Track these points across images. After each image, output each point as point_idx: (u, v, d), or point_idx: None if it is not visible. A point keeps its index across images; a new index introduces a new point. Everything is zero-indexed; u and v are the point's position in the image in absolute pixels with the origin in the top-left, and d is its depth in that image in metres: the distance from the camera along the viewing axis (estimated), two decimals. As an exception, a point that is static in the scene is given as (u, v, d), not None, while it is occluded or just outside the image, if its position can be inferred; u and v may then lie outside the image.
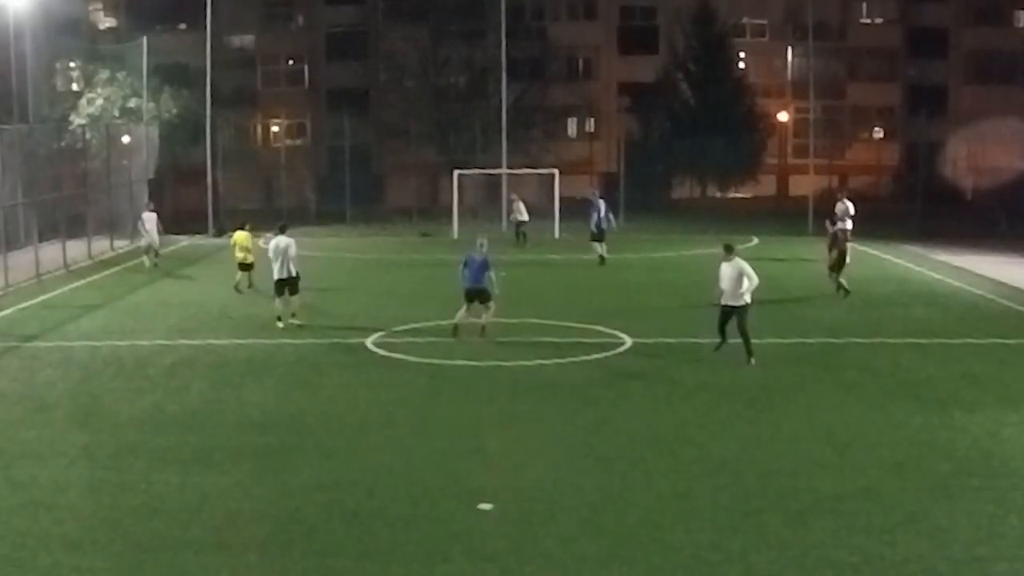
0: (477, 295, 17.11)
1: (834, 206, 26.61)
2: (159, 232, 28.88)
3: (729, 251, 15.71)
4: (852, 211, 26.07)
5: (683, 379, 15.47)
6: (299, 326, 19.07)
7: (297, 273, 19.44)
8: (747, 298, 15.49)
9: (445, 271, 23.84)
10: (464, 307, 17.28)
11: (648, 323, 20.03)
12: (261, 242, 24.33)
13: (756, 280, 15.61)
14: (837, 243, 22.68)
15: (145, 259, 28.26)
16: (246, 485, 9.95)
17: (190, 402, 13.98)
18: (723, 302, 15.52)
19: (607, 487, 9.95)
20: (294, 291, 19.32)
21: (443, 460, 11.11)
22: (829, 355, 17.32)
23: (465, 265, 17.35)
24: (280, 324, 19.05)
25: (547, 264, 30.37)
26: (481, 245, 17.52)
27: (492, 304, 17.22)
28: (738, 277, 15.39)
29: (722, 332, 15.76)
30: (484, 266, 17.17)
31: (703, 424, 12.64)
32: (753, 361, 15.49)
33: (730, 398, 13.96)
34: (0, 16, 32.35)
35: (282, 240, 19.56)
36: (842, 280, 22.23)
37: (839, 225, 24.63)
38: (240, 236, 22.80)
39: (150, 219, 28.75)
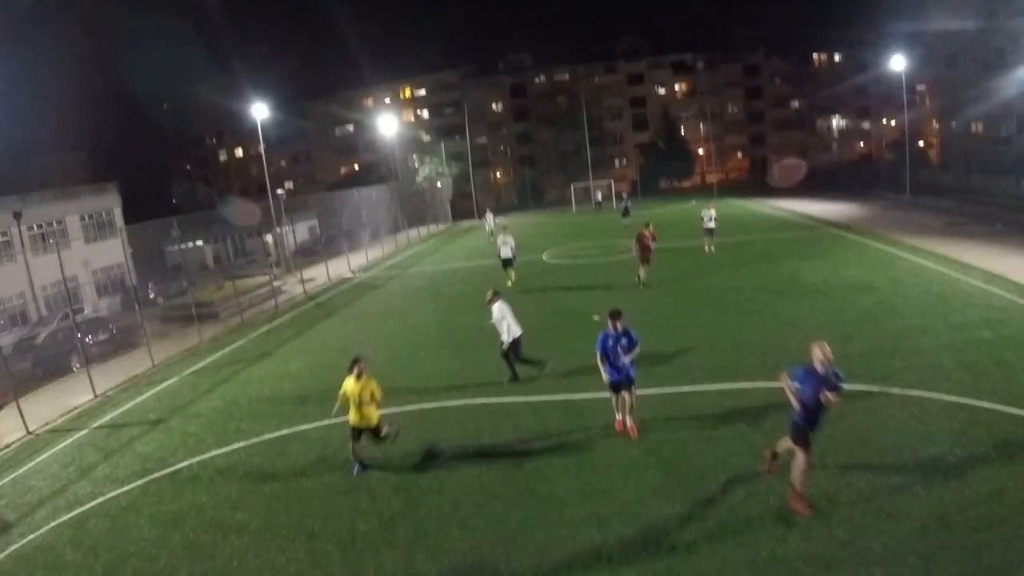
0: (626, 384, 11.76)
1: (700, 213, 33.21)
2: (494, 218, 49.65)
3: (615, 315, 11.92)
4: (714, 213, 31.71)
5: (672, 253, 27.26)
6: (511, 284, 26.79)
7: (515, 255, 27.73)
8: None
9: (569, 224, 52.73)
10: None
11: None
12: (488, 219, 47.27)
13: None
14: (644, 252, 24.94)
15: (488, 233, 46.77)
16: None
17: (467, 288, 27.33)
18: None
19: (647, 300, 21.29)
20: (512, 265, 27.54)
21: (575, 299, 23.41)
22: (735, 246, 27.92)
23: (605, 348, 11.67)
24: (509, 284, 26.82)
25: (604, 219, 51.98)
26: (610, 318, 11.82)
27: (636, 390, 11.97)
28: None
29: None
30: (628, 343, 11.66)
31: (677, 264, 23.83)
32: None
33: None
34: (384, 141, 71.21)
35: (508, 237, 27.72)
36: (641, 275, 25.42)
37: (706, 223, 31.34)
38: (349, 386, 11.75)
39: (489, 216, 49.81)
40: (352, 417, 11.61)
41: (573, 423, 12.81)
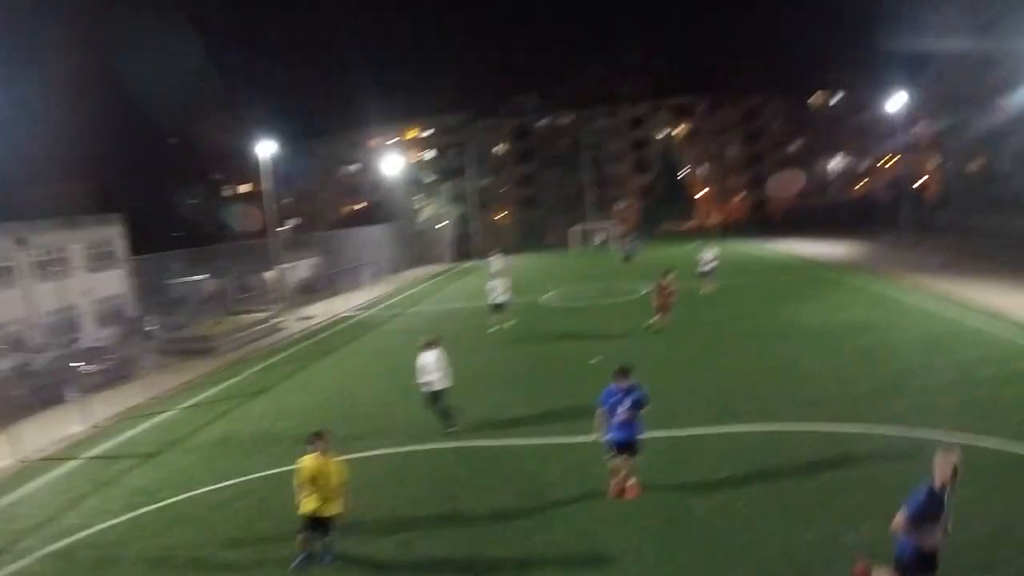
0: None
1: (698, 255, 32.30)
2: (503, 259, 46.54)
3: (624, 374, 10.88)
4: (710, 256, 31.33)
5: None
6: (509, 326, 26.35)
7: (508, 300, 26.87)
8: None
9: (569, 267, 50.88)
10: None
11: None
12: (493, 261, 44.05)
13: None
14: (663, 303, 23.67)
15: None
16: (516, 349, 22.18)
17: (467, 329, 26.62)
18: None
19: (647, 342, 20.94)
20: (501, 310, 26.58)
21: (575, 341, 23.20)
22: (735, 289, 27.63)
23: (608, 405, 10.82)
24: (506, 326, 26.52)
25: (604, 262, 49.42)
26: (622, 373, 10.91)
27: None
28: None
29: None
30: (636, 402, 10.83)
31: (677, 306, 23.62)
32: None
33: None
34: (388, 181, 69.86)
35: (500, 282, 26.86)
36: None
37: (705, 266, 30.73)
38: (308, 465, 9.78)
39: (498, 257, 45.27)
40: (307, 504, 9.56)
41: (573, 466, 12.61)
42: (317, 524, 9.60)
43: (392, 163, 64.15)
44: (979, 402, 13.63)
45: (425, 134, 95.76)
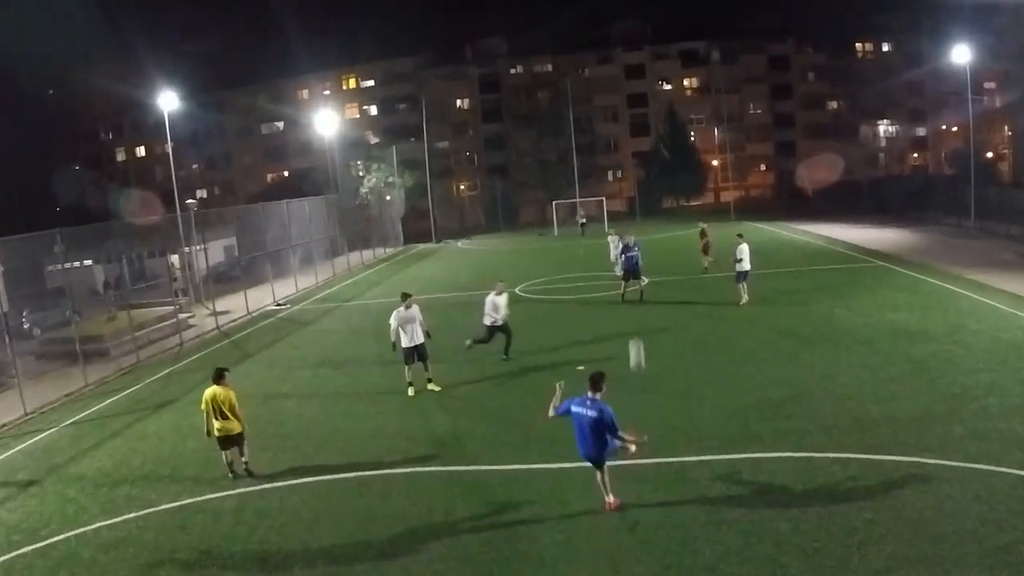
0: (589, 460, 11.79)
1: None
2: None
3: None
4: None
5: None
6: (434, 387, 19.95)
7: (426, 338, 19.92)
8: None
9: (552, 252, 53.46)
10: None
11: (658, 265, 36.33)
12: (461, 243, 46.54)
13: None
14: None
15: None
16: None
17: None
18: None
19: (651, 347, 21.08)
20: (423, 358, 19.81)
21: (560, 342, 23.18)
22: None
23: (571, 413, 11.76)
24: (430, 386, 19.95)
25: (591, 246, 47.84)
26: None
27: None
28: None
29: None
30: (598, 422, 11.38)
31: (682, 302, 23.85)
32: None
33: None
34: (322, 143, 69.36)
35: (408, 312, 19.76)
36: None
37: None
38: (215, 393, 14.67)
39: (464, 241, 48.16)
40: None
41: (547, 499, 12.66)
42: None
43: (327, 120, 63.80)
44: (1055, 430, 13.79)
45: (368, 83, 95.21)
